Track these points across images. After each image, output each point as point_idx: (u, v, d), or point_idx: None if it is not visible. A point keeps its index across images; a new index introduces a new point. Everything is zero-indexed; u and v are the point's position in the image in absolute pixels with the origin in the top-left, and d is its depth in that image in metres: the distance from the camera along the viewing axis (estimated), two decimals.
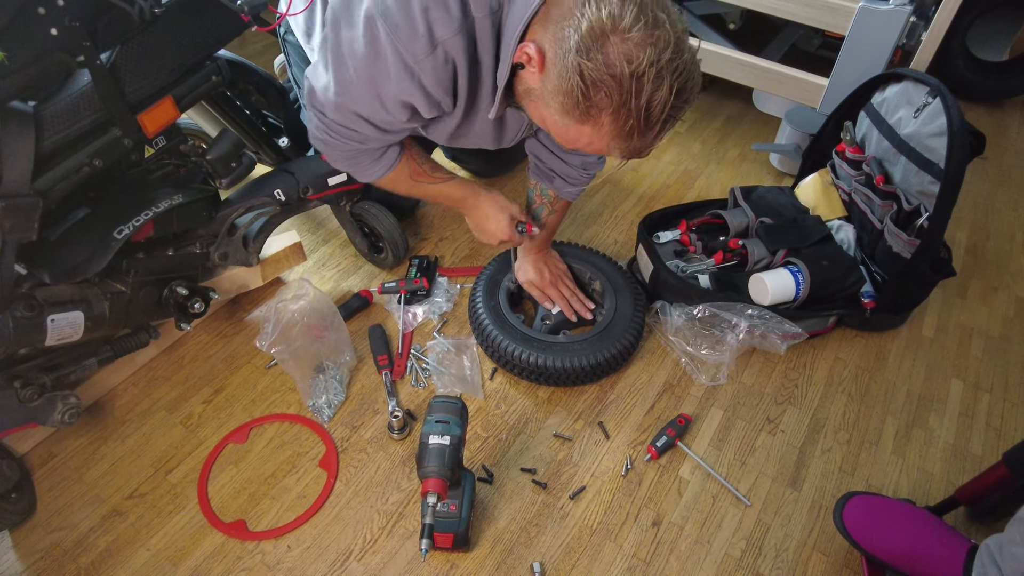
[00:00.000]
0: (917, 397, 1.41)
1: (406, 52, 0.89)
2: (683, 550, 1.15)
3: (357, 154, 1.11)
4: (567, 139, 0.92)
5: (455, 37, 0.89)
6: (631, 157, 0.90)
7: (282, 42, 1.41)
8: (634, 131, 0.83)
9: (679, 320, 1.42)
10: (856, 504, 1.10)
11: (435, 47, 0.89)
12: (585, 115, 0.84)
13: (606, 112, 0.82)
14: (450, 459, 0.98)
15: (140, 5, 0.96)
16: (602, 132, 0.86)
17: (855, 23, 1.60)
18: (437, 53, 0.90)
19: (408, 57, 0.89)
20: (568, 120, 0.87)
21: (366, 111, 0.99)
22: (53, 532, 1.15)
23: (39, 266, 1.02)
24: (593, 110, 0.83)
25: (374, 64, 0.91)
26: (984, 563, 0.94)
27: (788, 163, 1.98)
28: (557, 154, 1.31)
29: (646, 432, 1.31)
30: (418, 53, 0.89)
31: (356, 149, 1.09)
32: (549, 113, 0.89)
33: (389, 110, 0.98)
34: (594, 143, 0.89)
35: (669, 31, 0.79)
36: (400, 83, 0.92)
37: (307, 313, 1.29)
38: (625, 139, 0.85)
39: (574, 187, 1.36)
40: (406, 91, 0.94)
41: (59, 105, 0.95)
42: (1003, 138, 2.27)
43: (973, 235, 1.85)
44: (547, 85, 0.86)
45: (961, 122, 1.29)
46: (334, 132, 1.05)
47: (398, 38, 0.88)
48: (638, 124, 0.82)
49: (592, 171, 1.35)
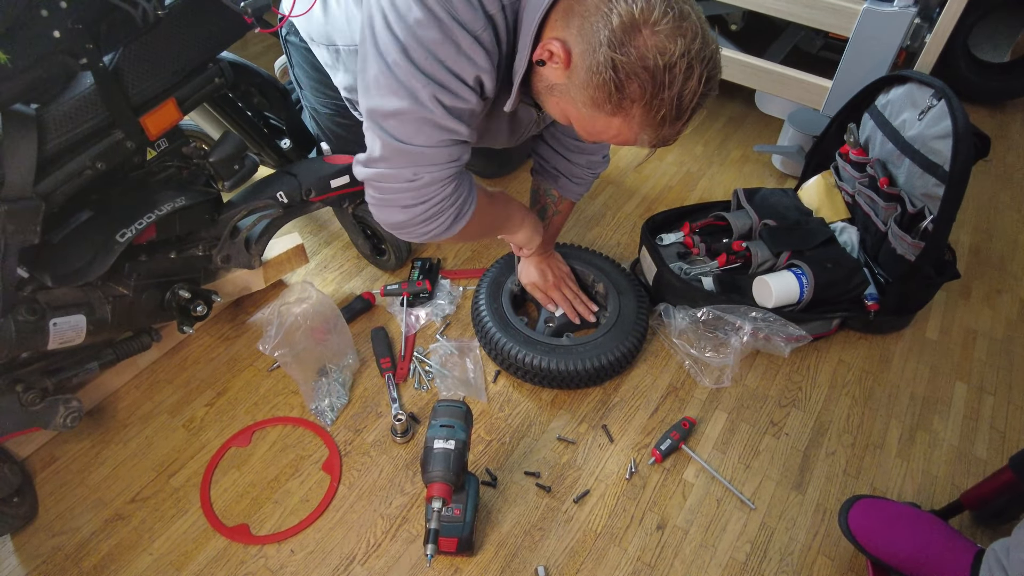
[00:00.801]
0: (921, 400, 1.41)
1: (468, 25, 0.86)
2: (688, 554, 1.14)
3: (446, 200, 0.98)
4: (593, 132, 0.92)
5: (499, 14, 0.88)
6: (659, 146, 0.91)
7: (284, 43, 1.41)
8: (665, 120, 0.85)
9: (683, 322, 1.42)
10: (861, 508, 1.09)
11: (488, 20, 0.88)
12: (617, 108, 0.85)
13: (638, 104, 0.84)
14: (455, 463, 0.98)
15: (143, 7, 0.95)
16: (632, 123, 0.87)
17: (859, 25, 1.59)
18: (488, 28, 0.88)
19: (470, 28, 0.86)
20: (598, 113, 0.88)
21: (442, 94, 0.89)
22: (55, 536, 1.14)
23: (41, 269, 1.02)
24: (626, 102, 0.84)
25: (445, 42, 0.86)
26: (991, 567, 0.94)
27: (791, 165, 1.98)
28: (562, 154, 1.31)
29: (650, 435, 1.31)
30: (477, 26, 0.87)
31: (444, 194, 0.97)
32: (575, 107, 0.89)
33: (457, 91, 0.90)
34: (622, 134, 0.90)
35: (695, 22, 0.81)
36: (474, 54, 0.88)
37: (310, 316, 1.29)
38: (656, 129, 0.87)
39: (579, 187, 1.36)
40: (481, 63, 0.89)
41: (62, 108, 0.95)
42: (1005, 139, 2.26)
43: (976, 237, 1.84)
44: (574, 80, 0.86)
45: (967, 125, 1.28)
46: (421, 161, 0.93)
47: (457, 13, 0.85)
48: (670, 113, 0.84)
49: (597, 171, 1.35)
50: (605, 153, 1.34)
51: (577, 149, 1.30)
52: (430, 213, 0.98)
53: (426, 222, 0.99)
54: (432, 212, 0.98)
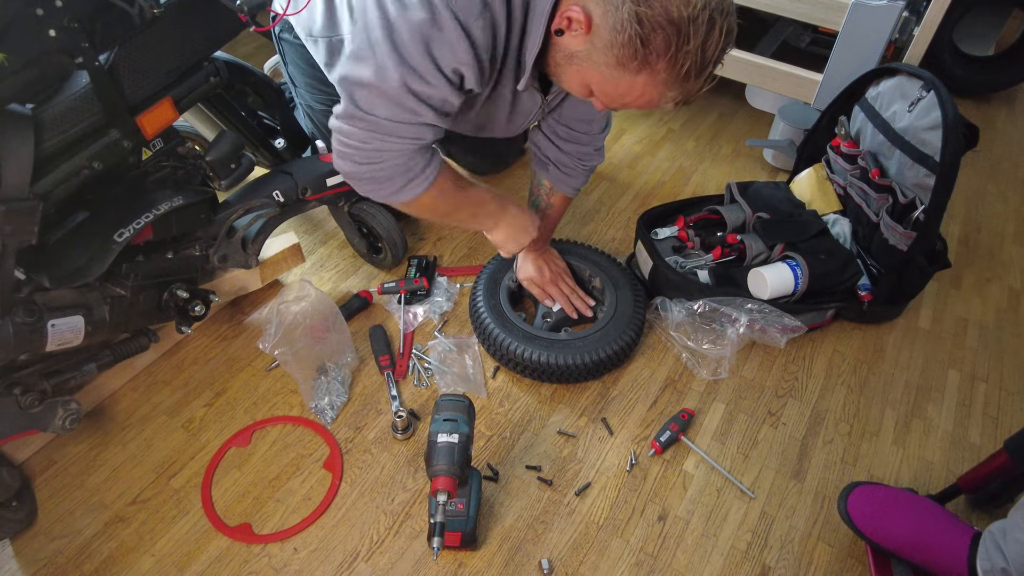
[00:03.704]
0: (915, 388, 1.43)
1: (460, 12, 0.86)
2: (690, 543, 1.15)
3: (400, 156, 0.99)
4: (616, 95, 0.93)
5: (500, 2, 0.89)
6: (682, 102, 0.93)
7: (278, 41, 1.40)
8: (690, 74, 0.87)
9: (679, 315, 1.43)
10: (860, 494, 1.11)
11: (485, 7, 0.88)
12: (643, 63, 0.86)
13: (663, 58, 0.85)
14: (459, 457, 0.98)
15: (140, 5, 0.95)
16: (657, 80, 0.88)
17: (848, 18, 1.61)
18: (485, 15, 0.88)
19: (463, 17, 0.87)
20: (622, 73, 0.89)
21: (414, 83, 0.91)
22: (55, 540, 1.14)
23: (39, 270, 1.01)
24: (652, 57, 0.85)
25: (432, 27, 0.87)
26: (988, 549, 0.96)
27: (782, 159, 2.00)
28: (554, 142, 1.32)
29: (649, 427, 1.32)
30: (472, 14, 0.87)
31: (396, 163, 0.99)
32: (599, 72, 0.91)
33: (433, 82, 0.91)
34: (647, 93, 0.91)
35: None
36: (458, 45, 0.88)
37: (309, 314, 1.28)
38: (681, 83, 0.88)
39: (569, 178, 1.37)
40: (462, 56, 0.89)
41: (58, 107, 0.94)
42: (991, 131, 2.30)
43: (965, 227, 1.87)
44: (596, 43, 0.88)
45: (956, 115, 1.30)
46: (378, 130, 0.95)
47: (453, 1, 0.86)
48: (695, 66, 0.86)
49: (588, 163, 1.36)
50: (598, 146, 1.35)
51: (569, 138, 1.31)
52: (378, 176, 1.00)
53: (373, 182, 1.02)
54: (379, 176, 1.00)
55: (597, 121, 1.29)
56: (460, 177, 1.14)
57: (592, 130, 1.30)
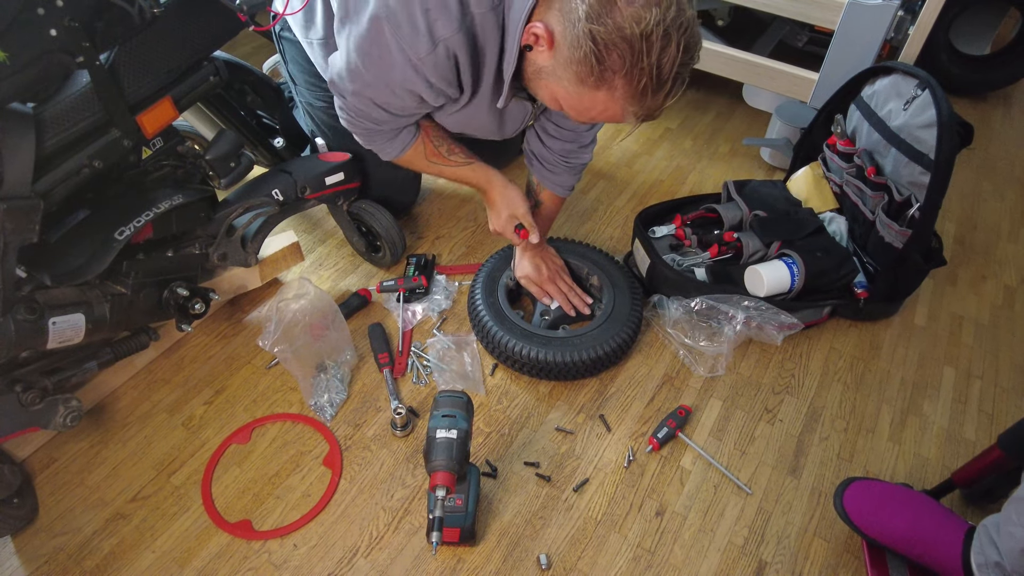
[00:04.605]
0: (911, 384, 1.44)
1: (410, 50, 0.94)
2: (687, 539, 1.16)
3: (373, 133, 1.18)
4: (581, 109, 0.95)
5: (455, 35, 0.94)
6: (645, 119, 0.93)
7: (277, 40, 1.41)
8: (647, 90, 0.87)
9: (676, 313, 1.44)
10: (856, 489, 1.12)
11: (436, 45, 0.94)
12: (600, 80, 0.87)
13: (619, 75, 0.86)
14: (458, 452, 0.99)
15: (140, 4, 0.96)
16: (616, 95, 0.89)
17: (844, 18, 1.62)
18: (438, 50, 0.95)
19: (412, 55, 0.95)
20: (582, 89, 0.90)
21: (379, 98, 1.07)
22: (56, 537, 1.14)
23: (40, 268, 1.02)
24: (607, 73, 0.86)
25: (380, 61, 0.98)
26: (982, 543, 0.97)
27: (779, 157, 2.01)
28: (541, 139, 1.35)
29: (647, 424, 1.33)
30: (420, 51, 0.94)
31: (372, 129, 1.17)
32: (562, 87, 0.93)
33: (398, 94, 1.05)
34: (609, 108, 0.92)
35: None
36: (405, 76, 0.98)
37: (308, 312, 1.29)
38: (639, 100, 0.89)
39: (552, 175, 1.39)
40: (411, 82, 1.00)
41: (59, 106, 0.95)
42: (987, 130, 2.31)
43: (961, 225, 1.88)
44: (559, 59, 0.90)
45: (950, 113, 1.31)
46: (352, 112, 1.14)
47: (402, 38, 0.93)
48: (651, 82, 0.86)
49: (571, 161, 1.38)
50: (583, 143, 1.37)
51: (556, 135, 1.33)
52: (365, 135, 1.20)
53: (363, 137, 1.21)
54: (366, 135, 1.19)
55: None
56: (437, 155, 1.26)
57: (579, 127, 1.32)
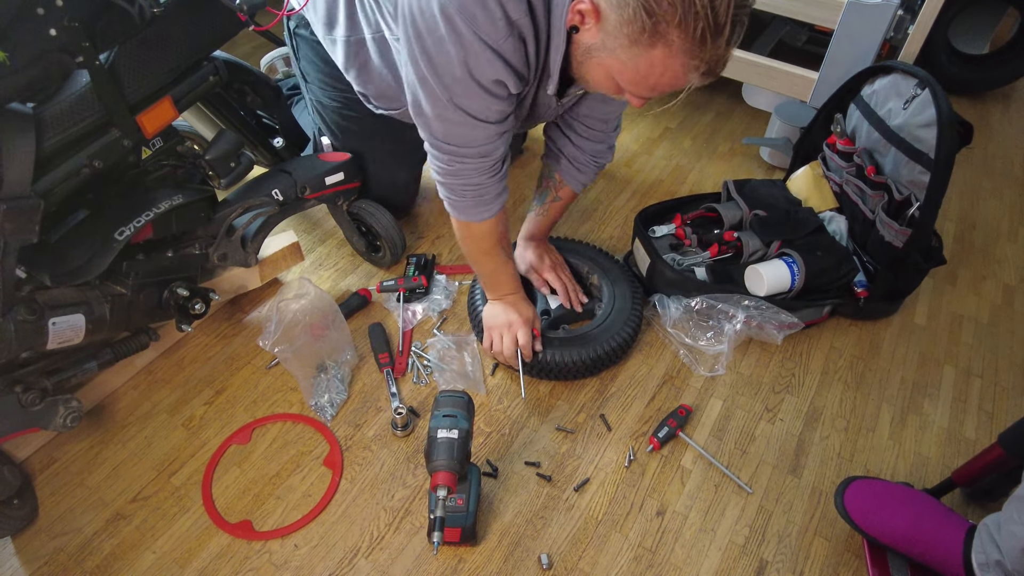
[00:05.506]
0: (911, 383, 1.44)
1: (488, 38, 0.92)
2: (688, 538, 1.16)
3: (467, 190, 1.15)
4: (639, 78, 0.92)
5: (525, 17, 0.93)
6: (707, 74, 0.90)
7: (291, 36, 1.41)
8: (706, 36, 0.83)
9: (677, 312, 1.44)
10: (857, 488, 1.12)
11: (512, 28, 0.93)
12: (654, 35, 0.84)
13: (673, 24, 0.82)
14: (459, 452, 0.99)
15: (140, 4, 0.96)
16: (673, 49, 0.86)
17: (844, 17, 1.62)
18: (514, 33, 0.94)
19: (492, 42, 0.93)
20: (637, 51, 0.87)
21: (471, 105, 1.02)
22: (56, 537, 1.14)
23: (40, 269, 1.02)
24: (661, 26, 0.83)
25: (465, 56, 0.94)
26: (983, 541, 0.97)
27: (778, 156, 2.01)
28: (570, 137, 1.35)
29: (647, 423, 1.33)
30: (499, 36, 0.92)
31: (468, 181, 1.13)
32: (615, 57, 0.91)
33: (489, 89, 1.00)
34: (669, 67, 0.88)
35: None
36: (492, 65, 0.96)
37: (308, 312, 1.29)
38: (699, 50, 0.85)
39: (580, 174, 1.39)
40: (499, 71, 0.97)
41: (58, 106, 0.95)
42: (986, 128, 2.31)
43: (960, 225, 1.88)
44: (607, 28, 0.88)
45: (950, 112, 1.31)
46: (446, 154, 1.10)
47: (478, 27, 0.91)
48: (708, 27, 0.82)
49: (600, 160, 1.38)
50: (611, 144, 1.38)
51: (585, 135, 1.33)
52: (456, 192, 1.16)
53: (453, 197, 1.18)
54: (457, 191, 1.16)
55: (612, 120, 1.32)
56: (504, 238, 1.27)
57: (607, 128, 1.33)
